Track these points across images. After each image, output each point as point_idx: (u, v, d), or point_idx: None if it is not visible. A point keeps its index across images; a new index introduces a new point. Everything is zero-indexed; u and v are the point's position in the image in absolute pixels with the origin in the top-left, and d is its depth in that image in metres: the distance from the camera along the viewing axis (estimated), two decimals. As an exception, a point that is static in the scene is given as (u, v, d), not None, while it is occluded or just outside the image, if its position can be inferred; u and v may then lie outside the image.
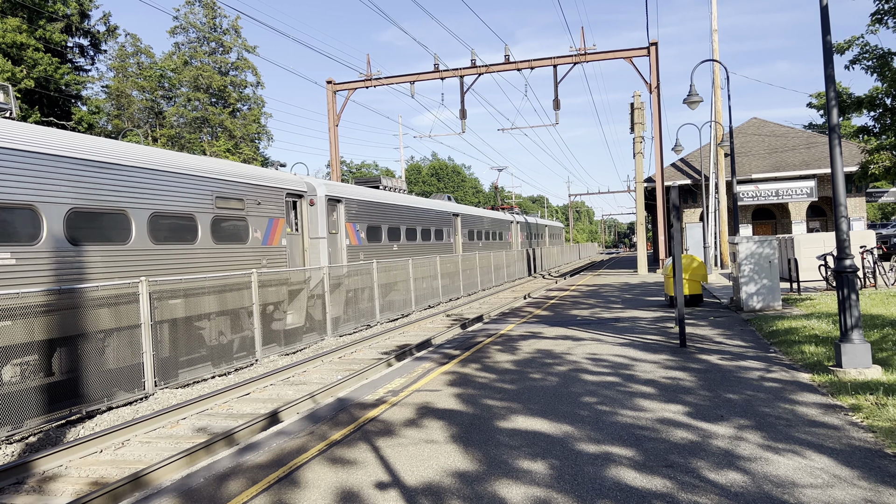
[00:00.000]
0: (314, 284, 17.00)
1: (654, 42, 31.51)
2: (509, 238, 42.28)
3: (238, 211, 14.29)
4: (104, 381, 10.46)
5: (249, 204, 14.66)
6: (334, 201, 18.75)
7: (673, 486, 5.15)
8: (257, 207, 14.92)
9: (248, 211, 14.64)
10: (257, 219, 14.94)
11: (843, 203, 8.82)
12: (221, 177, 13.92)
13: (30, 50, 35.13)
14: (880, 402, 6.93)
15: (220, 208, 13.73)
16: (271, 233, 15.44)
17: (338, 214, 18.92)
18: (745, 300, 15.65)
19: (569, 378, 9.27)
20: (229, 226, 14.04)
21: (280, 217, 15.82)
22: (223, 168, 14.24)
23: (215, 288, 13.06)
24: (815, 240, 22.16)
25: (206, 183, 13.42)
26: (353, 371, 12.41)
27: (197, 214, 13.04)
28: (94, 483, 7.34)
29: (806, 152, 36.05)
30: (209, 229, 13.34)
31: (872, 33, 14.07)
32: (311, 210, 17.60)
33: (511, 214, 44.15)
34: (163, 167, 12.32)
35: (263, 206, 15.21)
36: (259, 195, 15.05)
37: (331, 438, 6.93)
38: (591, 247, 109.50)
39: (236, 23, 54.57)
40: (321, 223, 17.82)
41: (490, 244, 37.04)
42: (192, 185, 13.02)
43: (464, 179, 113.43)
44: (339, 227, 18.95)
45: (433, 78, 34.02)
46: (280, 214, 15.84)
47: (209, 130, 53.16)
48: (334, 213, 18.75)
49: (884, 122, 14.52)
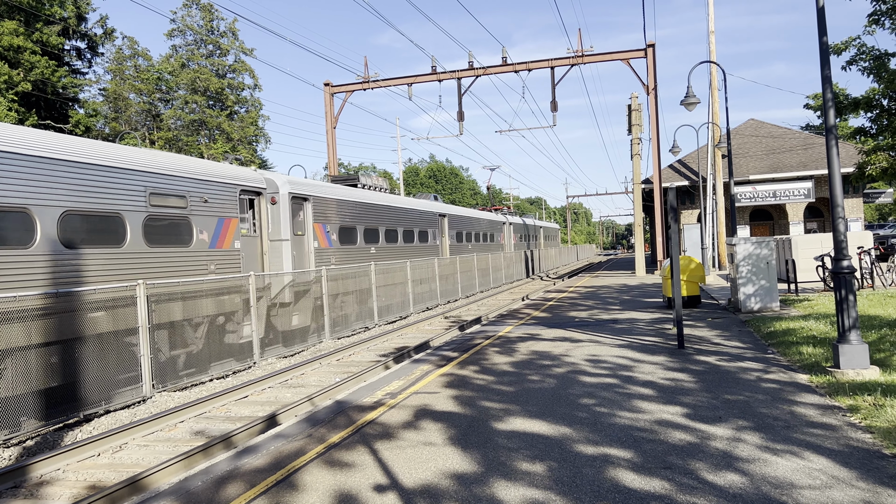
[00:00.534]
0: (276, 291, 15.60)
1: (651, 44, 31.56)
2: (501, 240, 41.11)
3: (179, 210, 12.76)
4: (102, 385, 10.43)
5: (194, 202, 13.19)
6: (300, 200, 17.19)
7: (671, 487, 5.15)
8: (204, 206, 13.44)
9: (193, 210, 13.15)
10: (204, 218, 13.43)
11: (840, 204, 8.84)
12: (157, 170, 12.39)
13: (27, 53, 35.11)
14: (878, 403, 6.93)
15: (156, 206, 12.25)
16: (221, 234, 13.91)
17: (305, 214, 17.39)
18: (743, 301, 15.67)
19: (567, 380, 9.27)
20: (167, 226, 12.54)
21: (233, 217, 14.29)
22: (160, 161, 12.69)
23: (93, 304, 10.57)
24: (813, 241, 22.19)
25: (137, 177, 11.86)
26: (352, 373, 12.40)
27: (125, 213, 11.51)
28: (91, 487, 7.32)
29: (803, 153, 36.11)
30: (140, 230, 11.83)
31: (869, 34, 14.10)
32: (273, 209, 16.16)
33: (504, 215, 43.06)
34: (78, 158, 10.76)
35: (212, 205, 13.70)
36: (206, 192, 13.56)
37: (329, 441, 6.92)
38: (589, 248, 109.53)
39: (233, 25, 54.58)
40: (284, 224, 16.27)
41: (481, 246, 35.75)
42: (119, 179, 11.45)
43: (462, 181, 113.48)
44: (305, 228, 17.41)
45: (431, 80, 34.04)
46: (233, 214, 14.31)
47: (207, 133, 53.15)
48: (300, 212, 17.22)
49: (881, 123, 14.54)
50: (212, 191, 13.81)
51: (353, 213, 20.21)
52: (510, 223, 43.38)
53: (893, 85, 13.36)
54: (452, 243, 30.59)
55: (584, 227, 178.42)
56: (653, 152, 32.37)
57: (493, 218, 39.75)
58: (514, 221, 44.95)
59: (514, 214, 49.58)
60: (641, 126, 33.31)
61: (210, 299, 13.24)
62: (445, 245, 29.68)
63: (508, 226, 42.84)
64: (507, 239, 42.26)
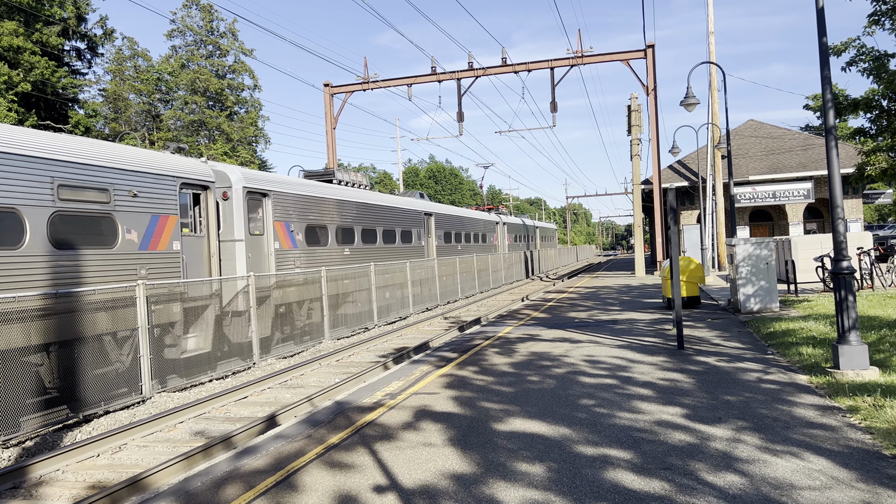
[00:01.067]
0: (228, 299, 14.04)
1: (650, 44, 31.57)
2: (494, 240, 39.33)
3: (99, 205, 11.02)
4: (101, 385, 10.43)
5: (119, 196, 11.44)
6: (258, 195, 15.54)
7: (671, 488, 5.15)
8: (132, 201, 11.69)
9: (118, 205, 11.40)
10: (132, 216, 11.69)
11: (839, 205, 8.84)
12: (69, 159, 10.60)
13: (27, 53, 35.10)
14: (878, 404, 6.93)
15: (67, 201, 10.47)
16: (156, 234, 12.22)
17: (264, 212, 15.74)
18: (743, 302, 15.67)
19: (566, 380, 9.27)
20: (83, 225, 10.78)
21: (170, 214, 12.58)
22: (73, 147, 10.87)
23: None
24: (813, 241, 22.20)
25: (40, 166, 10.08)
26: (351, 374, 12.40)
27: (23, 209, 9.72)
28: (91, 487, 7.32)
29: (803, 154, 36.12)
30: (45, 229, 10.04)
31: (869, 35, 14.10)
32: (226, 206, 14.58)
33: (497, 215, 41.47)
34: None
35: (143, 200, 12.00)
36: (135, 185, 11.83)
37: (329, 442, 6.92)
38: (588, 249, 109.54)
39: (233, 26, 54.59)
40: (238, 222, 14.65)
41: (471, 247, 33.81)
42: (12, 167, 9.65)
43: (461, 182, 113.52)
44: (265, 227, 15.75)
45: (430, 81, 34.03)
46: (170, 210, 12.60)
47: (206, 134, 53.16)
48: (259, 209, 15.60)
49: (880, 123, 14.54)
50: (143, 183, 12.08)
51: (323, 211, 18.53)
52: (504, 223, 41.97)
53: (893, 86, 13.36)
54: (440, 244, 28.94)
55: (584, 227, 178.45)
56: (652, 153, 32.38)
57: (486, 218, 38.19)
58: (508, 221, 43.34)
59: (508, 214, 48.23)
60: (641, 127, 33.32)
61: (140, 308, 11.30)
62: (432, 246, 28.04)
63: (502, 226, 41.43)
64: (500, 240, 40.84)
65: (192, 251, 13.42)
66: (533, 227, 53.44)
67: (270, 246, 15.85)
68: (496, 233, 39.89)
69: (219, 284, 13.76)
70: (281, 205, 16.38)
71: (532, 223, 53.93)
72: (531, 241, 51.43)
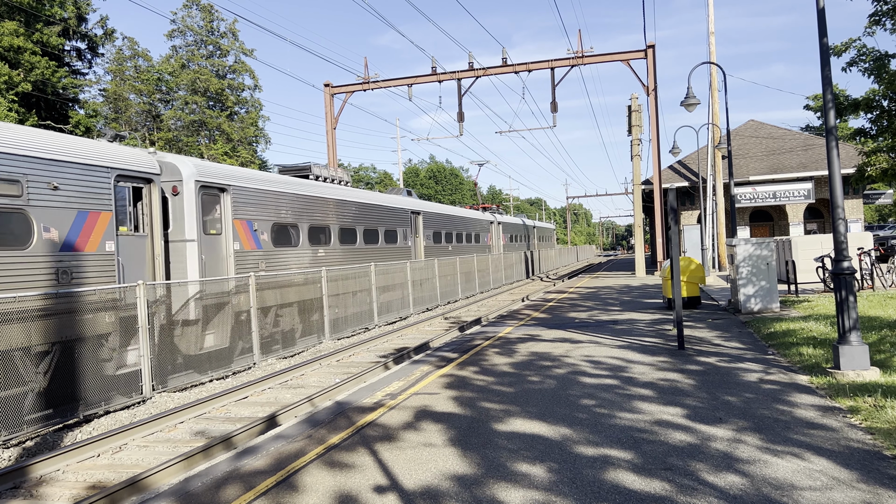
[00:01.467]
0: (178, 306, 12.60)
1: (651, 45, 31.56)
2: (489, 240, 37.74)
3: (8, 199, 9.56)
4: (102, 385, 10.42)
5: (35, 188, 9.96)
6: (214, 190, 14.03)
7: (672, 488, 5.15)
8: (52, 195, 10.23)
9: (33, 199, 9.91)
10: (52, 212, 10.21)
11: (840, 205, 8.83)
12: None
13: (27, 53, 35.11)
14: (878, 404, 6.93)
15: None
16: (83, 233, 10.76)
17: (222, 208, 14.25)
18: (743, 302, 15.66)
19: (567, 381, 9.27)
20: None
21: (102, 210, 11.07)
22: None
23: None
24: (813, 241, 22.19)
25: None
26: (352, 374, 12.40)
27: None
28: (91, 487, 7.32)
29: (803, 154, 36.11)
30: None
31: (870, 35, 14.08)
32: (176, 202, 13.17)
33: (492, 214, 39.98)
34: None
35: (66, 194, 10.50)
36: (56, 176, 10.33)
37: (329, 442, 6.92)
38: (588, 249, 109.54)
39: (234, 26, 54.60)
40: (190, 220, 13.19)
41: (463, 248, 32.26)
42: None
43: (461, 182, 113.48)
44: (223, 225, 14.24)
45: (431, 81, 34.03)
46: (103, 206, 11.09)
47: (207, 134, 53.16)
48: (216, 206, 14.12)
49: (881, 124, 14.53)
50: (67, 175, 10.58)
51: (293, 209, 17.04)
52: (499, 222, 40.57)
53: (894, 86, 13.35)
54: (429, 244, 27.37)
55: (584, 227, 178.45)
56: (653, 153, 32.38)
57: (479, 217, 36.76)
58: (503, 221, 41.92)
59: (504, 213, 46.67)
60: (641, 127, 33.32)
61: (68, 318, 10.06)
62: (419, 246, 26.40)
63: (497, 225, 40.06)
64: (495, 240, 39.32)
65: (130, 253, 11.87)
66: (530, 226, 52.19)
67: (229, 247, 14.37)
68: (490, 233, 38.52)
69: (164, 290, 12.25)
70: (243, 201, 14.93)
71: (530, 223, 52.86)
72: (529, 241, 50.20)
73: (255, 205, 15.43)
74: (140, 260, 12.15)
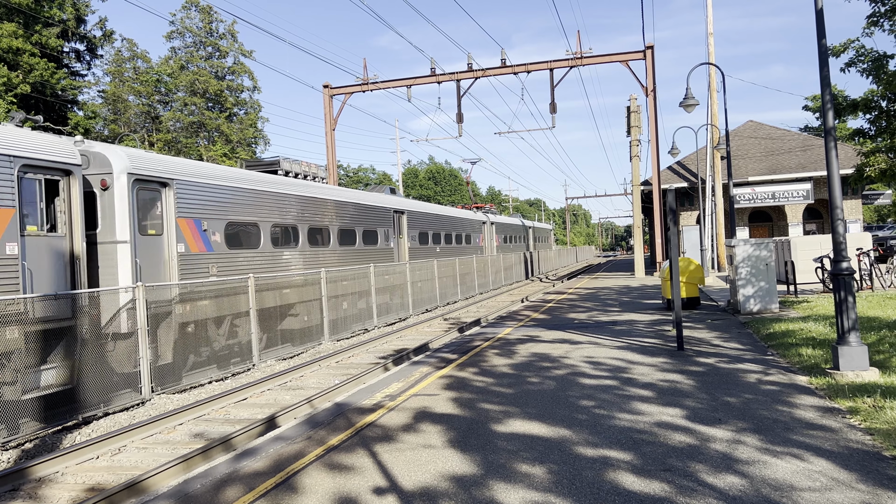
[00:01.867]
0: (108, 317, 10.99)
1: (650, 45, 31.58)
2: (480, 241, 35.97)
3: None
4: (101, 387, 10.41)
5: None
6: (154, 185, 12.52)
7: (671, 489, 5.14)
8: None
9: None
10: None
11: (839, 206, 8.84)
12: None
13: (26, 55, 35.11)
14: (878, 405, 6.93)
15: None
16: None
17: (163, 206, 12.73)
18: (743, 303, 15.67)
19: (566, 382, 9.26)
20: None
21: (2, 206, 9.51)
22: None
23: None
24: (812, 242, 22.20)
25: None
26: (351, 375, 12.39)
27: None
28: (90, 489, 7.31)
29: (802, 155, 36.14)
30: None
31: (868, 35, 14.09)
32: (105, 197, 11.57)
33: (484, 214, 38.40)
34: None
35: None
36: None
37: (329, 443, 6.91)
38: (588, 250, 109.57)
39: (233, 27, 54.59)
40: (122, 218, 11.62)
41: (452, 249, 30.60)
42: None
43: (461, 183, 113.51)
44: (164, 225, 12.72)
45: (430, 82, 34.04)
46: (3, 202, 9.54)
47: (206, 135, 53.15)
48: (156, 203, 12.59)
49: (879, 124, 14.54)
50: None
51: (253, 207, 15.45)
52: (492, 222, 38.91)
53: (892, 86, 13.36)
54: (414, 245, 25.67)
55: (584, 228, 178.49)
56: (652, 154, 32.40)
57: (470, 217, 34.84)
58: (497, 221, 40.31)
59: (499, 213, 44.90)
60: (640, 128, 33.34)
61: None
62: (403, 248, 24.59)
63: (489, 225, 38.40)
64: (487, 241, 37.56)
65: (41, 256, 10.28)
66: (527, 227, 50.67)
67: (172, 249, 12.83)
68: (483, 233, 36.85)
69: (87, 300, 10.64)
70: (189, 197, 13.39)
71: (526, 223, 51.42)
72: (525, 241, 48.88)
73: (204, 202, 13.85)
74: (54, 265, 10.51)
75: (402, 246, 24.66)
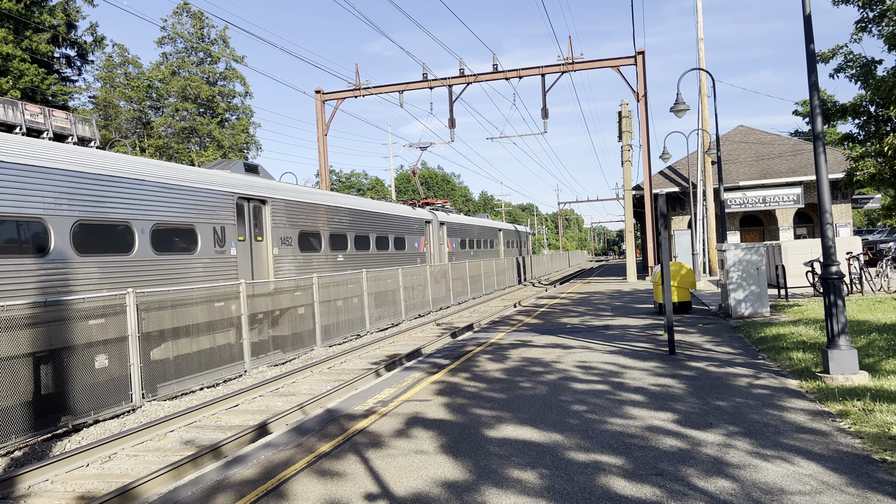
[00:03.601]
0: None
1: (640, 51, 31.74)
2: (421, 246, 27.79)
3: None
4: (91, 394, 10.34)
5: None
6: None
7: (662, 493, 5.15)
8: None
9: None
10: None
11: (828, 210, 8.89)
12: None
13: (16, 61, 34.96)
14: (867, 408, 6.96)
15: None
16: None
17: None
18: (734, 307, 15.72)
19: (558, 386, 9.27)
20: None
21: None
22: None
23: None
24: (803, 246, 22.32)
25: None
26: (343, 381, 12.36)
27: None
28: (80, 498, 7.25)
29: (792, 159, 36.35)
30: None
31: (856, 41, 14.23)
32: None
33: (431, 212, 29.90)
34: None
35: None
36: None
37: (319, 450, 6.88)
38: (580, 254, 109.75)
39: (224, 33, 54.51)
40: None
41: (370, 257, 22.48)
42: None
43: (454, 188, 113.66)
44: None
45: (422, 87, 34.11)
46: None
47: (197, 140, 53.00)
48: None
49: (868, 129, 14.68)
50: None
51: None
52: (441, 222, 30.60)
53: (880, 92, 13.48)
54: (287, 252, 17.09)
55: (576, 233, 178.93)
56: (643, 159, 32.53)
57: (404, 214, 26.49)
58: (448, 220, 31.86)
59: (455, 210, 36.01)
60: (632, 133, 33.48)
61: None
62: (265, 256, 16.22)
63: (438, 226, 30.04)
64: (433, 245, 29.24)
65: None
66: (495, 229, 42.52)
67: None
68: (426, 235, 28.49)
69: None
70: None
71: (496, 224, 43.03)
72: (493, 247, 40.86)
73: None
74: None
75: (263, 253, 16.13)
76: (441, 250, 30.32)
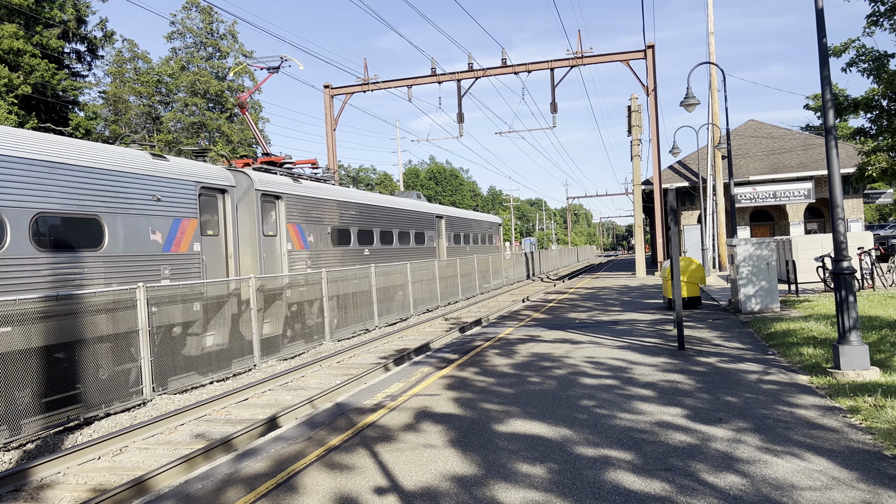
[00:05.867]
0: None
1: (650, 45, 31.56)
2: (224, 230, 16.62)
3: None
4: (101, 388, 10.43)
5: None
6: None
7: (672, 489, 5.15)
8: None
9: None
10: None
11: (839, 205, 8.84)
12: None
13: (27, 56, 35.14)
14: (878, 404, 6.93)
15: None
16: None
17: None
18: (744, 302, 15.66)
19: (567, 381, 9.27)
20: None
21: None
22: None
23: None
24: (813, 241, 22.19)
25: None
26: (352, 376, 12.40)
27: None
28: (92, 490, 7.32)
29: (803, 154, 36.11)
30: None
31: (868, 35, 14.08)
32: None
33: (249, 175, 15.77)
34: None
35: None
36: None
37: (329, 444, 6.92)
38: (589, 249, 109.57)
39: (233, 28, 54.65)
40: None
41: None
42: None
43: (462, 183, 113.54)
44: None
45: (430, 82, 34.03)
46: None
47: (206, 135, 53.18)
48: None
49: (880, 123, 14.54)
50: None
51: None
52: (263, 193, 15.82)
53: (893, 86, 13.36)
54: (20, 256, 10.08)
55: (585, 228, 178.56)
56: (653, 153, 32.37)
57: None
58: (295, 193, 16.81)
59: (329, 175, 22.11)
60: (641, 127, 33.32)
61: None
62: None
63: (255, 196, 15.48)
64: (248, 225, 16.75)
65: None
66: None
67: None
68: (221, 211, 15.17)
69: None
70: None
71: (430, 208, 28.72)
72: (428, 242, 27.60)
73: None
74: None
75: None
76: (282, 246, 16.30)
